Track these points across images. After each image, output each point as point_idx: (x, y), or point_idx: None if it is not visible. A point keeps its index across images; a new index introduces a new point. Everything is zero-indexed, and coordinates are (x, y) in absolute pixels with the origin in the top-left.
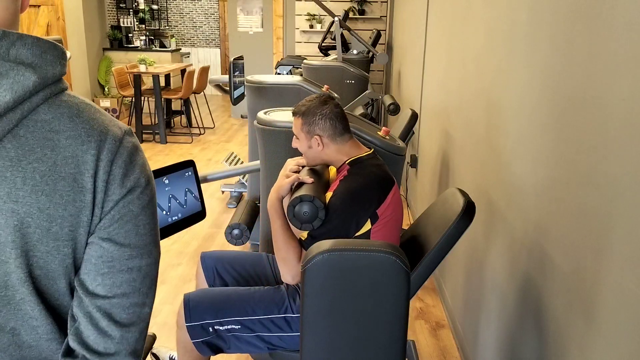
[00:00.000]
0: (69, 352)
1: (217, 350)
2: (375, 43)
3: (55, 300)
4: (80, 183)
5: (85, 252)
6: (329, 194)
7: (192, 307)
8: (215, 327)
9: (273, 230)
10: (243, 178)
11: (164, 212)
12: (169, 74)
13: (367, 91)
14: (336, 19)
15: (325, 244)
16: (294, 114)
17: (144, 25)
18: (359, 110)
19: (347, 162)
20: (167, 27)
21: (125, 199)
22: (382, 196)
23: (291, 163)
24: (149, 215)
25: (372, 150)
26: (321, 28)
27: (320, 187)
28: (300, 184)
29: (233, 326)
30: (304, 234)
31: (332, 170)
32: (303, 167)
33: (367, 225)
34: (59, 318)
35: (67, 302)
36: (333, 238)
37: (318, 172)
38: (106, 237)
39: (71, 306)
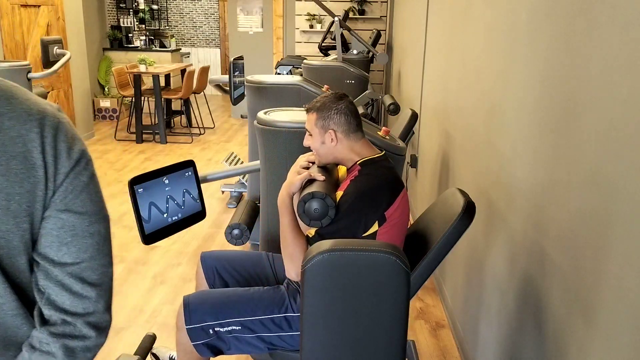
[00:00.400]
0: (44, 320)
1: (217, 351)
2: (375, 43)
3: (16, 277)
4: (31, 160)
5: (42, 227)
6: (339, 193)
7: (192, 309)
8: (216, 329)
9: (282, 226)
10: (243, 178)
11: (164, 213)
12: (169, 74)
13: (367, 91)
14: (336, 19)
15: (325, 244)
16: (309, 110)
17: (144, 25)
18: (359, 111)
19: (358, 162)
20: (167, 27)
21: (75, 170)
22: (392, 199)
23: (302, 159)
24: (96, 182)
25: (384, 152)
26: (321, 28)
27: (331, 185)
28: (312, 181)
29: (234, 327)
30: (311, 231)
31: (342, 169)
32: (313, 163)
33: (375, 227)
34: (20, 293)
35: (27, 277)
36: (340, 237)
37: (329, 170)
38: (64, 208)
39: (35, 280)
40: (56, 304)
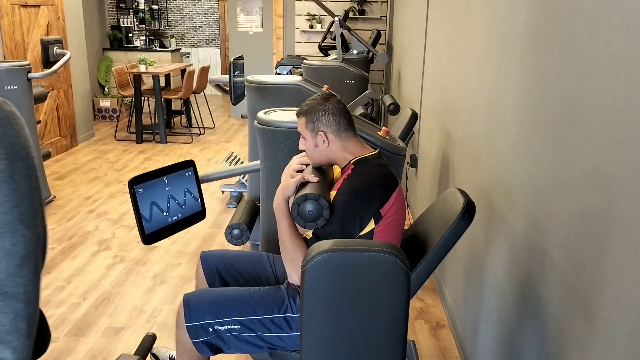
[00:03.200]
0: None
1: (217, 350)
2: (375, 43)
3: None
4: None
5: None
6: (333, 193)
7: (192, 307)
8: (215, 327)
9: (279, 231)
10: (243, 178)
11: (164, 213)
12: (169, 74)
13: (367, 91)
14: (336, 19)
15: (325, 244)
16: (298, 114)
17: (144, 25)
18: (359, 110)
19: (352, 161)
20: (167, 27)
21: None
22: (386, 196)
23: (295, 161)
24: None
25: (377, 150)
26: (321, 28)
27: (325, 186)
28: (306, 183)
29: (233, 326)
30: (308, 233)
31: (337, 169)
32: (307, 166)
33: (371, 225)
34: None
35: None
36: (337, 237)
37: (323, 171)
38: None
39: None
40: None
